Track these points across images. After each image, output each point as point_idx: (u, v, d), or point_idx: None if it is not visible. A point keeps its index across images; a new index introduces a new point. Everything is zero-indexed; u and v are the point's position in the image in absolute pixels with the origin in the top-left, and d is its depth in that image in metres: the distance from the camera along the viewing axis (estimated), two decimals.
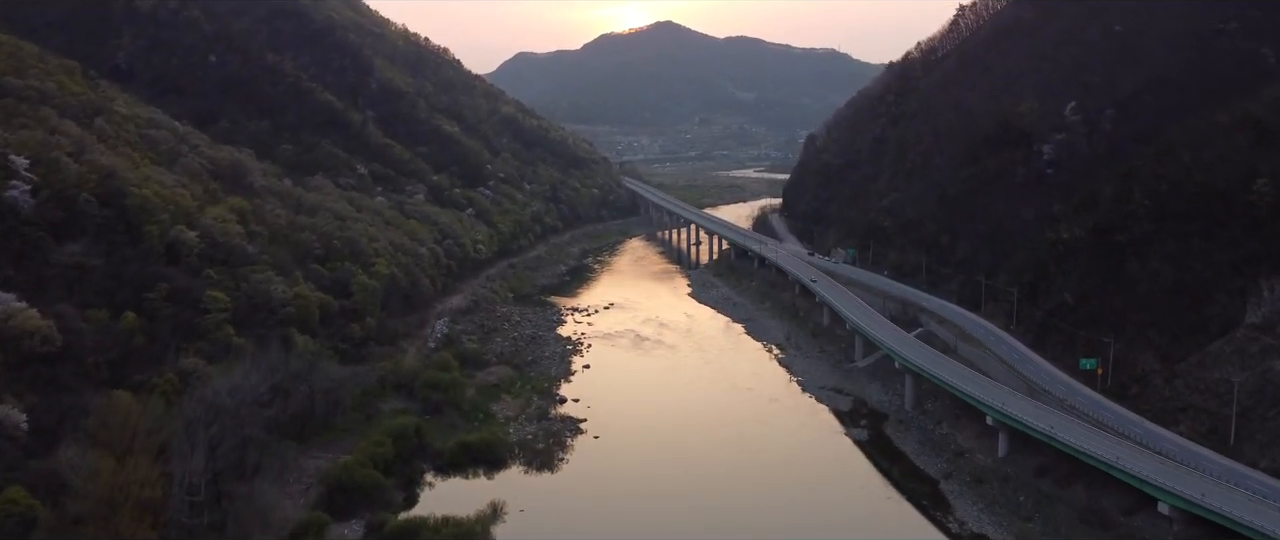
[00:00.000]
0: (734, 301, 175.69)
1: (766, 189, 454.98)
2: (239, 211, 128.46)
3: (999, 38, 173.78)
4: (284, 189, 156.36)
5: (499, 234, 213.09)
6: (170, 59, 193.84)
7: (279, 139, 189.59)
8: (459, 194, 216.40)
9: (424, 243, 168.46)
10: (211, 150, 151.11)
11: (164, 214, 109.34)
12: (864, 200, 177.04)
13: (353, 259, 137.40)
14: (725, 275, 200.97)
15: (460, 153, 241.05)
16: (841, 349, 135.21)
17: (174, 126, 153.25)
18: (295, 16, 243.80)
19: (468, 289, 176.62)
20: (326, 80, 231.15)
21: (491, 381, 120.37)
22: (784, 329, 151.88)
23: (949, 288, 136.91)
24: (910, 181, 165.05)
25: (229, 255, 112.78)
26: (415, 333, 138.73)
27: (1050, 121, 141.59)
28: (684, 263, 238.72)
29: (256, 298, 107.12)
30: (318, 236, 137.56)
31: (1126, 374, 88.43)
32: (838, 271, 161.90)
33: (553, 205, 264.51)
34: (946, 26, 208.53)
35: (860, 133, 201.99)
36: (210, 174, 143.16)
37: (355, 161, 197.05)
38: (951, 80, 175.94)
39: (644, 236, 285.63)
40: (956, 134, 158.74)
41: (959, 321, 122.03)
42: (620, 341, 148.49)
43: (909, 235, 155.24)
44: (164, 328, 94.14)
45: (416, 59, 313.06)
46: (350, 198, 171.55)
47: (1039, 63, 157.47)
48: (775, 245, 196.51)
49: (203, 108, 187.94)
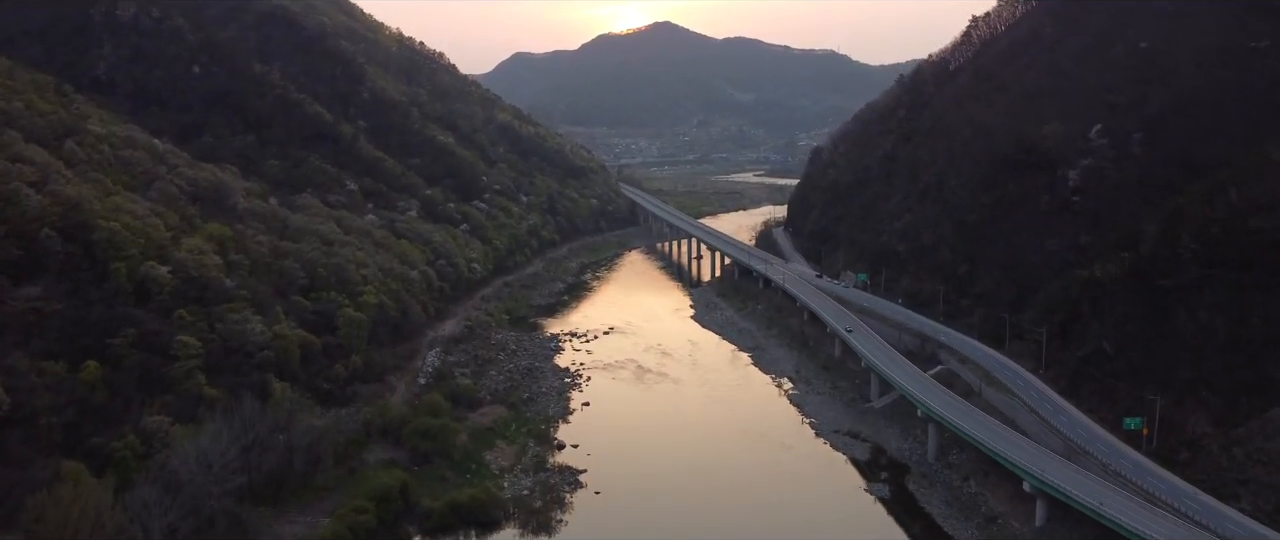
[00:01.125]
0: (739, 327, 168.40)
1: (767, 195, 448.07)
2: (218, 240, 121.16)
3: (1016, 52, 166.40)
4: (268, 210, 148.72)
5: (494, 251, 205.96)
6: (152, 70, 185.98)
7: (266, 154, 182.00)
8: (453, 209, 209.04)
9: (416, 265, 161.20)
10: (192, 170, 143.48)
11: (133, 249, 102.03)
12: (875, 221, 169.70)
13: (339, 288, 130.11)
14: (729, 296, 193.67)
15: (455, 164, 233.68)
16: (856, 385, 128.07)
17: (152, 145, 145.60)
18: (285, 24, 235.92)
19: (461, 312, 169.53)
20: (317, 90, 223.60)
21: (485, 424, 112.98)
22: (793, 360, 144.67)
23: (968, 321, 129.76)
24: (924, 203, 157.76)
25: (204, 292, 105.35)
26: (405, 366, 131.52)
27: (1074, 144, 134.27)
28: (685, 279, 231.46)
29: (232, 340, 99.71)
30: (302, 264, 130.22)
31: (1175, 437, 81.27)
32: (848, 297, 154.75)
33: (550, 217, 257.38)
34: (959, 38, 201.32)
35: (869, 149, 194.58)
36: (189, 197, 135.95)
37: (345, 176, 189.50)
38: (966, 96, 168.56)
39: (643, 249, 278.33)
40: (973, 154, 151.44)
41: (982, 360, 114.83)
42: (621, 373, 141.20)
43: (924, 261, 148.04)
44: (129, 379, 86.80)
45: (410, 65, 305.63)
46: (339, 217, 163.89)
47: (1060, 80, 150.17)
48: (781, 265, 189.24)
49: (186, 121, 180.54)
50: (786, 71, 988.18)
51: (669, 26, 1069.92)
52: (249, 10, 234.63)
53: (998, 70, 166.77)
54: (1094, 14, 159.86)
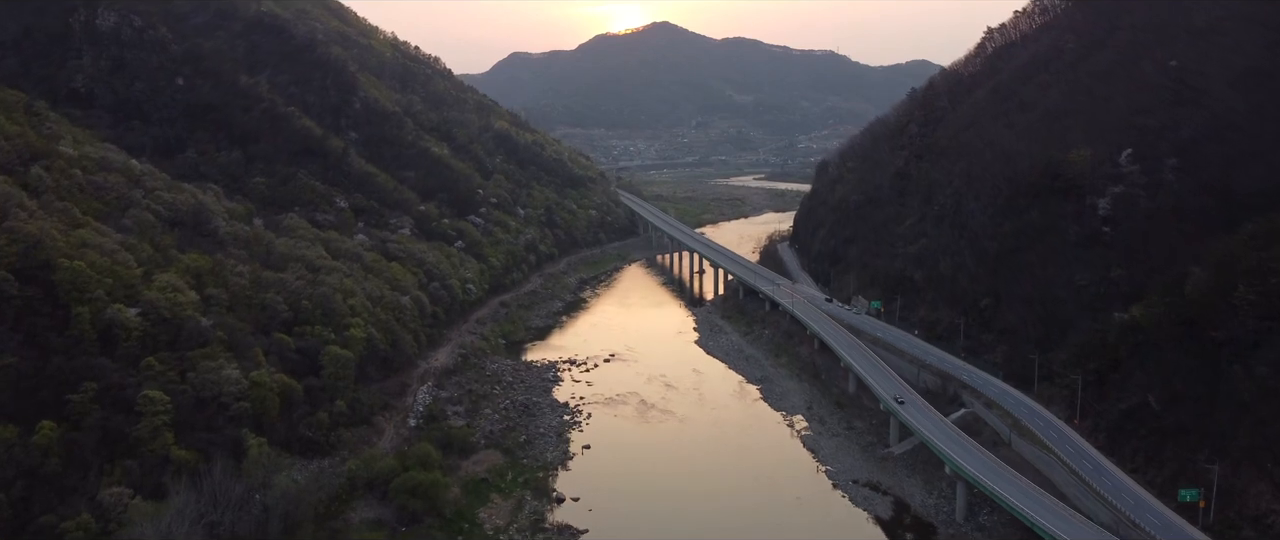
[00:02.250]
0: (746, 354, 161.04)
1: (768, 202, 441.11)
2: (195, 272, 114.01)
3: (1036, 69, 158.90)
4: (252, 234, 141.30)
5: (490, 269, 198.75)
6: (133, 82, 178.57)
7: (251, 170, 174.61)
8: (448, 225, 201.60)
9: (407, 290, 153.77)
10: (170, 192, 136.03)
11: (99, 289, 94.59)
12: (887, 244, 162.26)
13: (325, 321, 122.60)
14: (734, 318, 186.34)
15: (450, 177, 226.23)
16: (873, 426, 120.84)
17: (129, 166, 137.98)
18: (274, 32, 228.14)
19: (455, 338, 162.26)
20: (307, 101, 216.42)
21: (479, 474, 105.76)
22: (804, 394, 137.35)
23: (991, 357, 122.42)
24: (940, 227, 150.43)
25: (176, 335, 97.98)
26: (394, 404, 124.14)
27: (1103, 170, 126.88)
28: (687, 296, 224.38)
29: (205, 390, 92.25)
30: (285, 296, 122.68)
31: (1236, 510, 74.06)
32: (860, 326, 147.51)
33: (548, 230, 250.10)
34: (972, 51, 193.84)
35: (880, 166, 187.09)
36: (167, 222, 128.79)
37: (335, 194, 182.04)
38: (984, 114, 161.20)
39: (643, 261, 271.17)
40: (992, 177, 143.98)
41: (1010, 405, 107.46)
42: (623, 409, 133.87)
43: (941, 290, 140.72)
44: (88, 440, 79.54)
45: (405, 71, 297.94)
46: (327, 239, 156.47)
47: (1084, 100, 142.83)
48: (788, 286, 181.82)
49: (168, 136, 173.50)
50: (786, 72, 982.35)
51: (667, 27, 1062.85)
52: (237, 17, 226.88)
53: (1017, 87, 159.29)
54: (1119, 30, 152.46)
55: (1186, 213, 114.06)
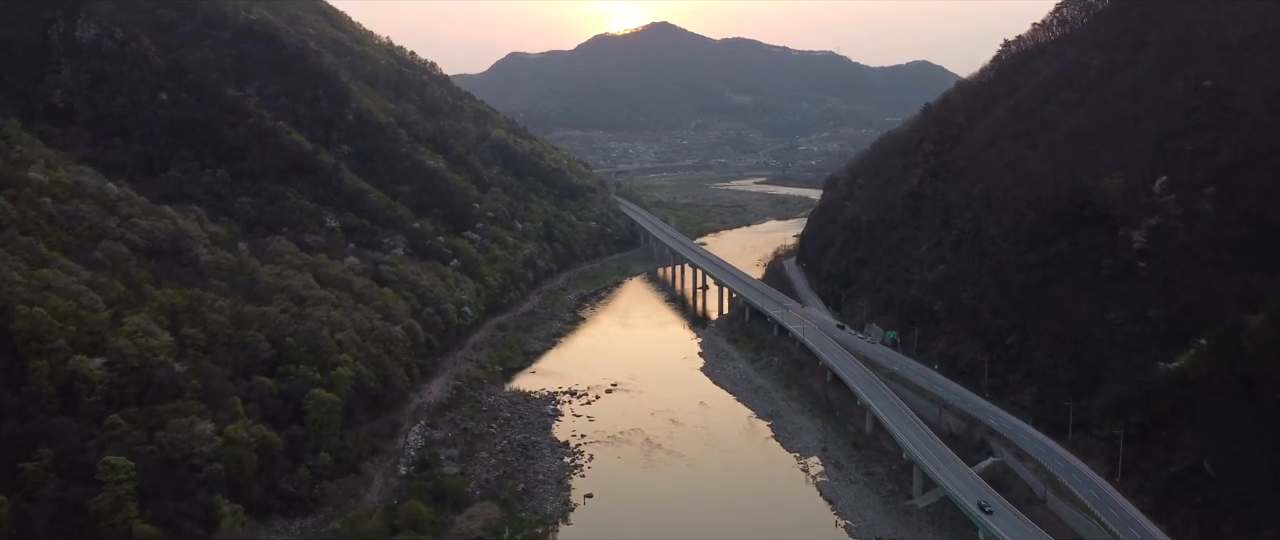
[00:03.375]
0: (754, 384, 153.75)
1: (770, 208, 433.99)
2: (170, 311, 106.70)
3: (1060, 87, 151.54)
4: (235, 262, 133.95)
5: (487, 289, 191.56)
6: (114, 97, 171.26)
7: (237, 189, 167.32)
8: (443, 243, 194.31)
9: (400, 319, 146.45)
10: (148, 219, 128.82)
11: (61, 338, 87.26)
12: (903, 269, 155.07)
13: (311, 359, 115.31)
14: (741, 342, 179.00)
15: (446, 191, 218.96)
16: (893, 473, 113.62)
17: (104, 191, 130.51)
18: (265, 40, 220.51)
19: (450, 366, 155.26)
20: (298, 112, 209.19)
21: (474, 530, 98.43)
22: (818, 433, 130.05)
23: (1019, 398, 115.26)
24: (959, 253, 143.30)
25: (146, 387, 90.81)
26: (384, 447, 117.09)
27: (1135, 197, 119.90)
28: (690, 314, 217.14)
29: (175, 450, 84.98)
30: (268, 332, 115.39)
31: None
32: (876, 358, 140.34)
33: (546, 244, 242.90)
34: (988, 64, 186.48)
35: (892, 183, 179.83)
36: (144, 252, 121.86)
37: (325, 213, 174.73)
38: (1003, 133, 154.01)
39: (644, 275, 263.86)
40: (1015, 201, 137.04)
41: (1042, 456, 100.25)
42: (627, 448, 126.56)
43: (962, 322, 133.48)
44: (43, 514, 72.36)
45: (400, 79, 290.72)
46: (315, 264, 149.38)
47: (1112, 121, 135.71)
48: (797, 309, 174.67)
49: (150, 153, 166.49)
50: (785, 73, 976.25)
51: (666, 27, 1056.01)
52: (225, 26, 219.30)
53: (1039, 105, 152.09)
54: (1147, 46, 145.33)
55: (1225, 244, 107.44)
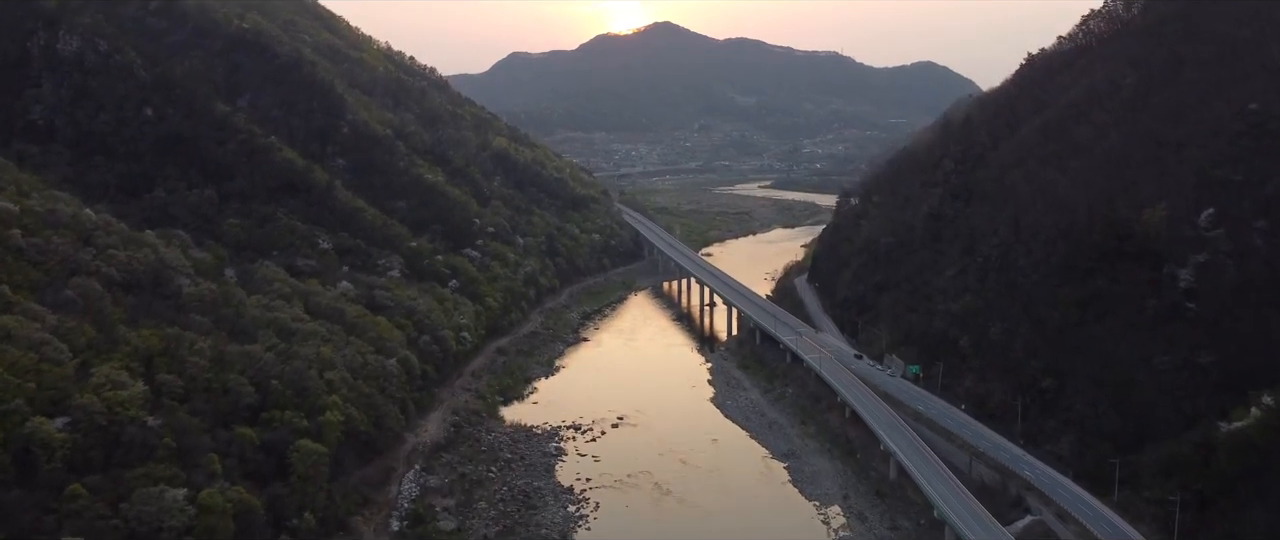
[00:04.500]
0: (768, 418, 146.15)
1: (776, 216, 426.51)
2: (145, 355, 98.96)
3: (1091, 106, 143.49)
4: (220, 292, 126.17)
5: (487, 310, 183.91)
6: (97, 114, 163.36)
7: (225, 210, 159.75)
8: (441, 263, 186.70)
9: (395, 350, 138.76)
10: (126, 250, 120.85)
11: (18, 397, 79.72)
12: (925, 297, 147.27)
13: (297, 403, 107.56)
14: (752, 368, 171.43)
15: (444, 207, 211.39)
16: (921, 528, 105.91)
17: (79, 219, 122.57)
18: (257, 50, 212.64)
19: (448, 397, 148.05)
20: (292, 125, 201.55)
21: None
22: (838, 478, 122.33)
23: (1056, 448, 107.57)
24: (985, 283, 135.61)
25: (113, 449, 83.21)
26: (375, 498, 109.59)
27: (1180, 230, 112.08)
28: (698, 333, 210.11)
29: (142, 524, 77.17)
30: (253, 374, 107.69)
31: None
32: (897, 395, 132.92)
33: (549, 260, 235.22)
34: (1012, 81, 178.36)
35: (911, 204, 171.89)
36: (121, 286, 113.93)
37: (317, 234, 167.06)
38: (1031, 154, 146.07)
39: (649, 290, 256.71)
40: (1046, 230, 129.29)
41: (1086, 518, 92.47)
42: (635, 494, 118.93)
43: (991, 359, 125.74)
44: None
45: (398, 87, 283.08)
46: (306, 293, 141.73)
47: (1150, 146, 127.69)
48: (811, 335, 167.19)
49: (135, 172, 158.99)
50: (789, 74, 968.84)
51: (669, 27, 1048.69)
52: (216, 35, 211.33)
53: (1069, 125, 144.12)
54: (1185, 64, 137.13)
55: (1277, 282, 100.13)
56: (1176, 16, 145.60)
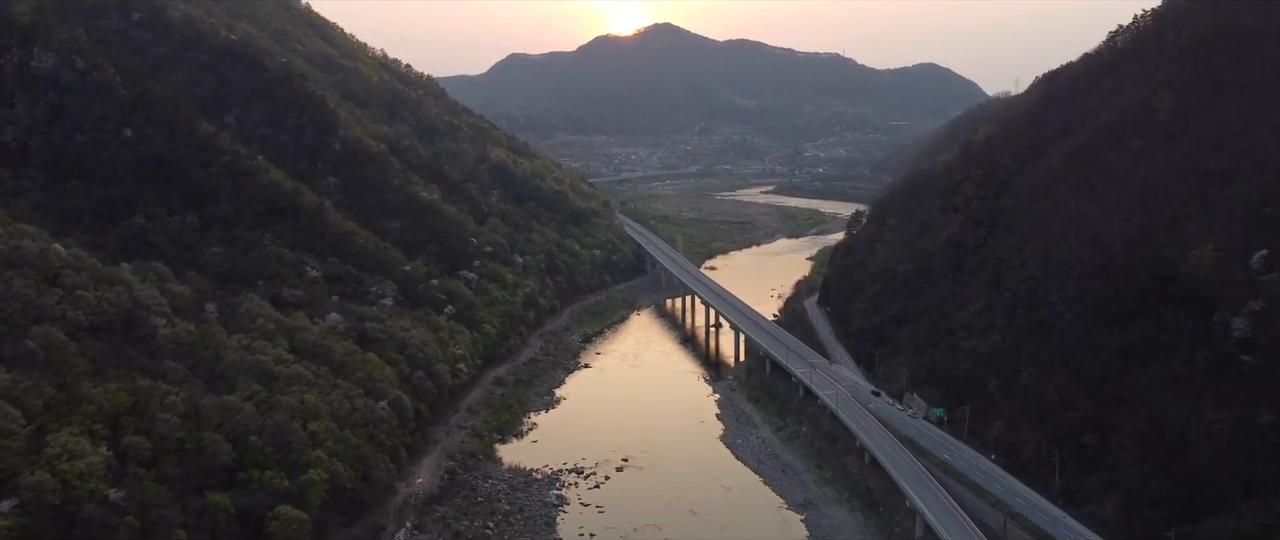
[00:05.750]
0: (782, 462, 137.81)
1: (779, 224, 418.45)
2: (111, 415, 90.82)
3: (1124, 131, 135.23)
4: (198, 333, 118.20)
5: (484, 338, 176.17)
6: (73, 135, 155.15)
7: (208, 237, 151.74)
8: (436, 287, 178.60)
9: (386, 391, 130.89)
10: (97, 290, 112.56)
11: None
12: (947, 332, 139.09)
13: (278, 461, 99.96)
14: (762, 401, 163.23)
15: (440, 227, 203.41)
16: None
17: (46, 257, 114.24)
18: (245, 63, 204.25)
19: (443, 437, 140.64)
20: (281, 142, 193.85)
21: None
22: (859, 534, 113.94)
23: (1098, 511, 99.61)
24: (1014, 320, 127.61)
25: (69, 530, 75.01)
26: None
27: (1230, 273, 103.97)
28: (703, 356, 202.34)
29: None
30: (230, 430, 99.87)
31: None
32: (922, 441, 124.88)
33: (548, 279, 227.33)
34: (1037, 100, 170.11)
35: (928, 229, 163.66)
36: (89, 331, 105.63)
37: (306, 261, 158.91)
38: (1060, 181, 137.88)
39: (652, 308, 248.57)
40: (1079, 265, 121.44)
41: None
42: None
43: (1022, 406, 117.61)
44: None
45: (393, 98, 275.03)
46: (291, 329, 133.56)
47: (1191, 177, 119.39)
48: (825, 368, 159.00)
49: (113, 197, 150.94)
50: (790, 76, 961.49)
51: (669, 28, 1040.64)
52: (203, 47, 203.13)
53: (1101, 151, 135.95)
54: (1226, 88, 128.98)
55: None
56: (1214, 36, 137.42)
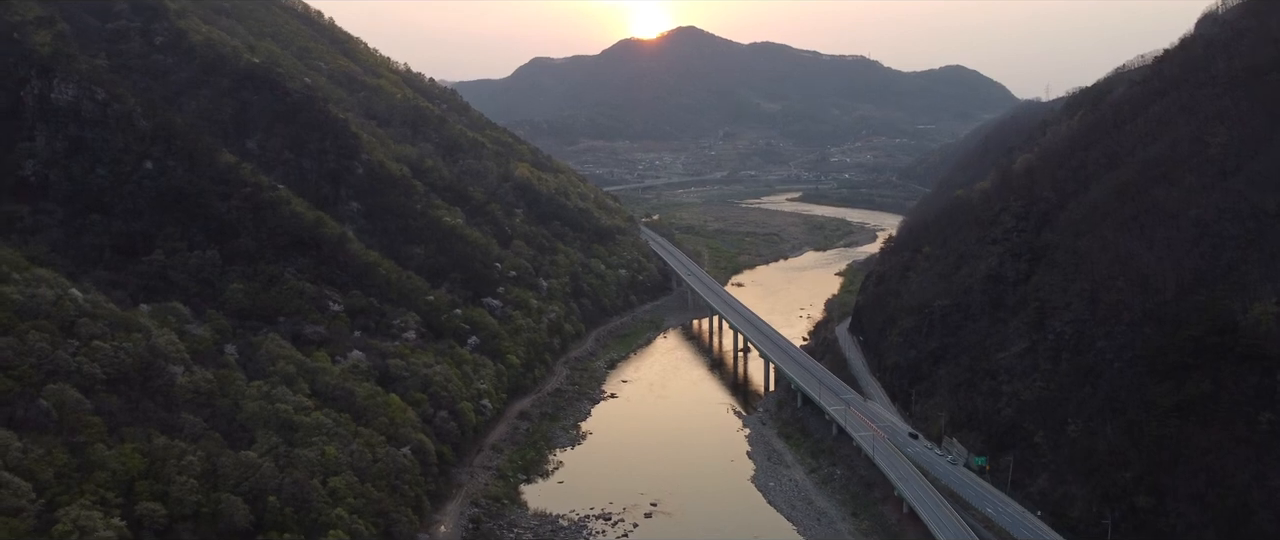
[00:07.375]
0: (816, 508, 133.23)
1: (806, 236, 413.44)
2: (125, 481, 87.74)
3: (1176, 166, 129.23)
4: (217, 382, 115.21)
5: (509, 369, 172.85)
6: (94, 168, 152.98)
7: (229, 273, 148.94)
8: (459, 318, 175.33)
9: (408, 436, 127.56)
10: (114, 339, 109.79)
11: None
12: (988, 373, 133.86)
13: (297, 522, 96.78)
14: (794, 439, 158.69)
15: (464, 253, 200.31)
16: None
17: (62, 303, 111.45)
18: (267, 87, 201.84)
19: (466, 479, 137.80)
20: (303, 167, 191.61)
21: None
22: None
23: None
24: (1059, 365, 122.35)
25: None
26: None
27: None
28: (731, 383, 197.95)
29: None
30: (247, 489, 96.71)
31: None
32: (963, 493, 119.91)
33: (573, 303, 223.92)
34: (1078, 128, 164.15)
35: (966, 263, 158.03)
36: (106, 384, 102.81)
37: (328, 295, 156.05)
38: (1107, 217, 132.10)
39: (679, 329, 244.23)
40: (1129, 310, 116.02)
41: None
42: None
43: (1070, 458, 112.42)
44: None
45: (416, 116, 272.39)
46: (312, 370, 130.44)
47: (1248, 219, 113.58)
48: (859, 405, 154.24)
49: (132, 232, 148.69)
50: (815, 79, 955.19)
51: (692, 31, 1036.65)
52: (225, 72, 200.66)
53: (1150, 187, 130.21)
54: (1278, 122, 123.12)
55: None
56: (1270, 67, 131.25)
